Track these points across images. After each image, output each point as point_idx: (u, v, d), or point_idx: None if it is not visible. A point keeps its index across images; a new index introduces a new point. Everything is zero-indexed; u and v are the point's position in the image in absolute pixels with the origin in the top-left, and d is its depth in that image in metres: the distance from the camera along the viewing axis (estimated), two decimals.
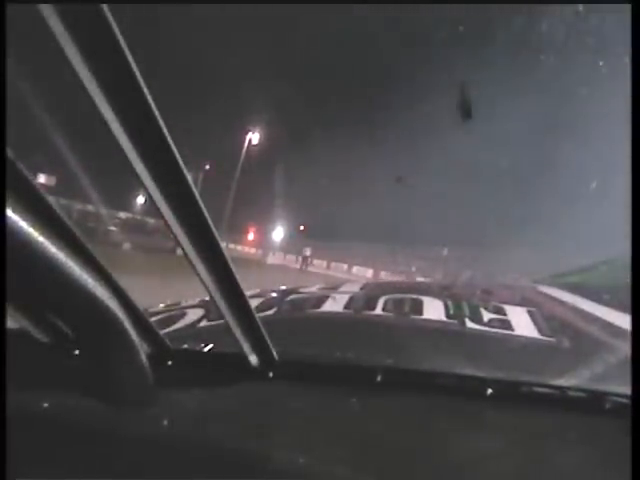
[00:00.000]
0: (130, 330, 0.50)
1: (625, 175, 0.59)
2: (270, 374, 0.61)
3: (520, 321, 0.91)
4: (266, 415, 0.57)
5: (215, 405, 0.59)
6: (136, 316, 0.55)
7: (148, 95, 0.39)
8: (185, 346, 0.70)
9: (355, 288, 1.29)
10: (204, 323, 0.90)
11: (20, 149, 0.39)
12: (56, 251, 0.41)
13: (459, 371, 0.64)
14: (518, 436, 0.55)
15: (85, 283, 0.44)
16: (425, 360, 0.69)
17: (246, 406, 0.58)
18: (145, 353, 0.54)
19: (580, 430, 0.56)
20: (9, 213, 0.37)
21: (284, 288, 1.26)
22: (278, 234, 34.37)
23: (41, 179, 12.25)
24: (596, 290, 1.14)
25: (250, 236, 38.43)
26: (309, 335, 0.86)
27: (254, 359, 0.60)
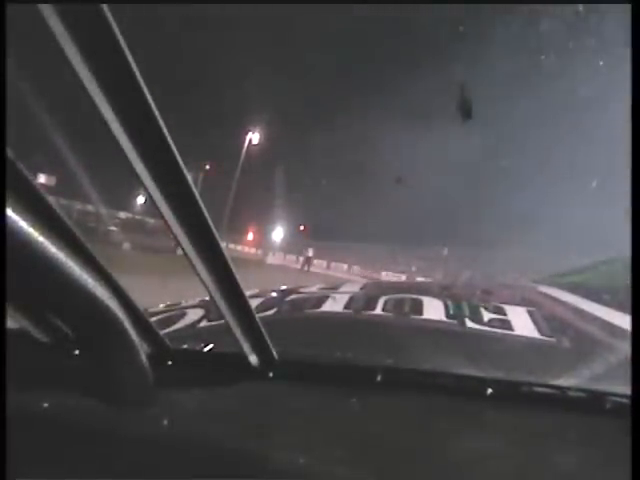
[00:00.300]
0: (130, 330, 0.50)
1: (625, 175, 0.59)
2: (270, 374, 0.61)
3: (520, 321, 0.91)
4: (266, 415, 0.56)
5: (215, 405, 0.58)
6: (136, 316, 0.55)
7: (148, 95, 0.39)
8: (185, 346, 0.70)
9: (355, 288, 1.29)
10: (204, 323, 0.90)
11: (20, 149, 0.39)
12: (56, 251, 0.41)
13: (459, 371, 0.64)
14: (518, 436, 0.55)
15: (85, 283, 0.44)
16: (425, 360, 0.69)
17: (246, 406, 0.58)
18: (145, 353, 0.54)
19: (580, 430, 0.56)
20: (9, 213, 0.37)
21: (284, 288, 1.26)
22: (278, 234, 34.39)
23: (41, 179, 12.25)
24: (596, 290, 1.14)
25: (250, 236, 38.45)
26: (309, 335, 0.86)
27: (254, 359, 0.60)
